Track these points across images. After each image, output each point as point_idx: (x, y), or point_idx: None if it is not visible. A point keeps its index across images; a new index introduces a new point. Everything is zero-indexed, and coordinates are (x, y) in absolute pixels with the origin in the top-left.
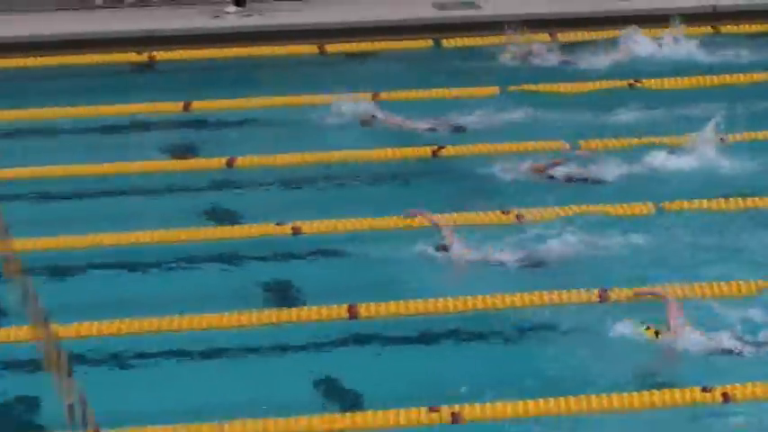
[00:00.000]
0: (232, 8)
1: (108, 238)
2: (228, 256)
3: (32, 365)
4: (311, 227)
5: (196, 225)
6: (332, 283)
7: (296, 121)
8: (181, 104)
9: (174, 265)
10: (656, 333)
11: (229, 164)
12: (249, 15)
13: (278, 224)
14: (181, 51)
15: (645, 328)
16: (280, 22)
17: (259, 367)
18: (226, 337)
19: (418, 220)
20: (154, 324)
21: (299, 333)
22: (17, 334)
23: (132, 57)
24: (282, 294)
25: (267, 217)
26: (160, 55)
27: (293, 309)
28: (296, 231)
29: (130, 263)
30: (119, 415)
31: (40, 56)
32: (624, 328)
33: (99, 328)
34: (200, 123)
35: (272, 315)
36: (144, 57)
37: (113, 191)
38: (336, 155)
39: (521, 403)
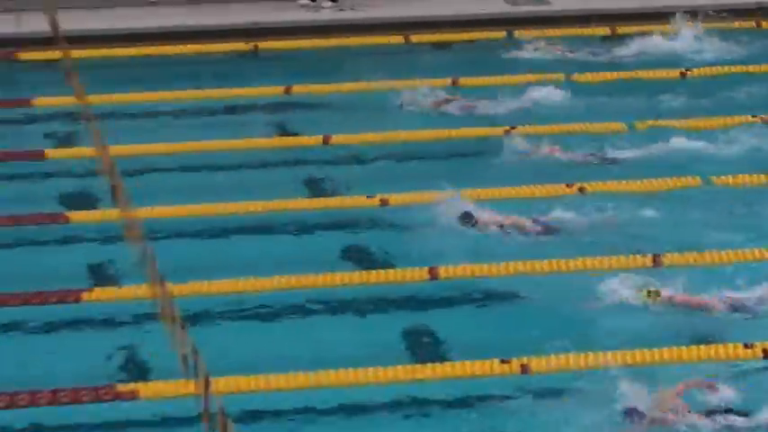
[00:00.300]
0: (328, 3)
1: (220, 208)
2: (324, 224)
3: (151, 320)
4: (397, 198)
5: (296, 196)
6: (415, 247)
7: (383, 103)
8: (282, 88)
9: (275, 230)
10: (651, 293)
11: (325, 141)
12: (342, 10)
13: (368, 197)
14: (282, 41)
15: (645, 293)
16: (370, 15)
17: (353, 322)
18: (319, 294)
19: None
20: (258, 284)
21: (387, 291)
22: (136, 292)
23: (240, 46)
24: (372, 257)
25: (358, 189)
26: (264, 44)
27: (380, 271)
28: (383, 203)
29: (239, 228)
30: (226, 365)
31: (165, 44)
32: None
33: (209, 288)
34: (299, 105)
35: (362, 276)
36: (250, 46)
37: (225, 165)
38: (419, 134)
39: (582, 356)
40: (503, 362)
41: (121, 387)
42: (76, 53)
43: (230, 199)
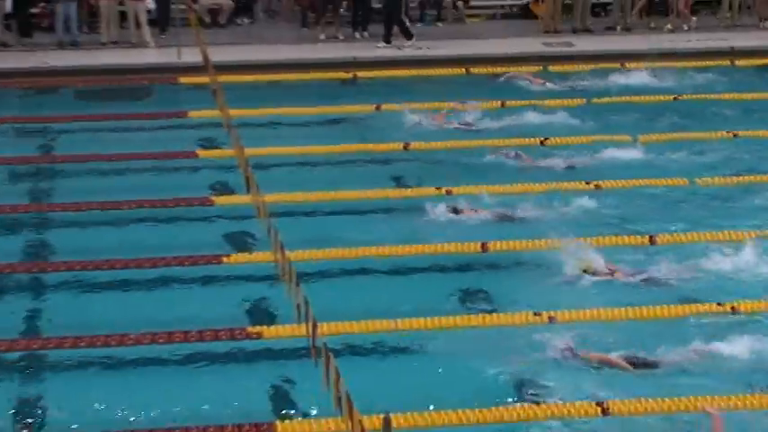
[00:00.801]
0: (408, 42)
1: (328, 195)
2: (402, 209)
3: (272, 279)
4: (458, 189)
5: (384, 188)
6: (468, 226)
7: (446, 118)
8: (374, 107)
9: (368, 212)
10: (589, 270)
11: (405, 147)
12: (419, 49)
13: (437, 188)
14: (374, 71)
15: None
16: (439, 53)
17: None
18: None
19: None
20: (360, 251)
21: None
22: (263, 257)
23: (341, 75)
24: (440, 229)
25: (429, 182)
26: (360, 73)
27: (440, 244)
28: (448, 192)
29: (340, 211)
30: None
31: (287, 72)
32: None
33: (317, 254)
34: (386, 119)
35: (436, 247)
36: (350, 75)
37: (324, 162)
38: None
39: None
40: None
41: (251, 329)
42: (222, 78)
43: (330, 189)
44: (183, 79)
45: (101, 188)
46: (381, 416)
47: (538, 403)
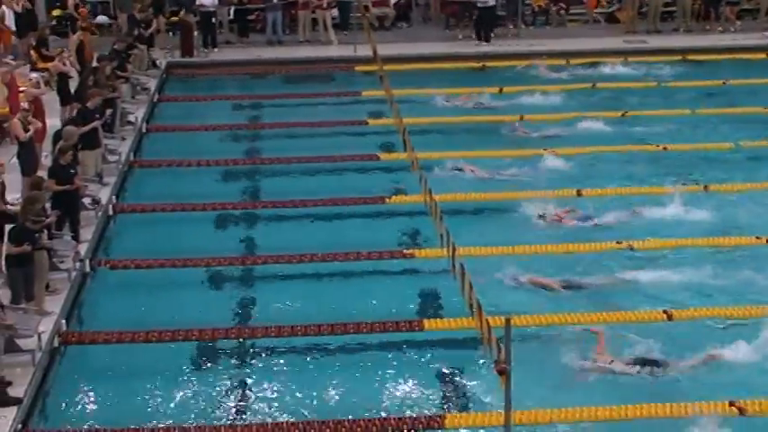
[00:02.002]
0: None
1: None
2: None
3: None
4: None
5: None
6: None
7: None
8: (498, 89)
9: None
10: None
11: (521, 118)
12: (532, 45)
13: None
14: (499, 62)
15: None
16: (546, 48)
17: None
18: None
19: None
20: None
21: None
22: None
23: (474, 64)
24: None
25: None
26: (489, 64)
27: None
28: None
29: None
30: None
31: (431, 63)
32: None
33: (458, 197)
34: (507, 98)
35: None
36: (480, 65)
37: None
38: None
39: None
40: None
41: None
42: (387, 67)
43: (465, 149)
44: (358, 68)
45: (298, 147)
46: (503, 317)
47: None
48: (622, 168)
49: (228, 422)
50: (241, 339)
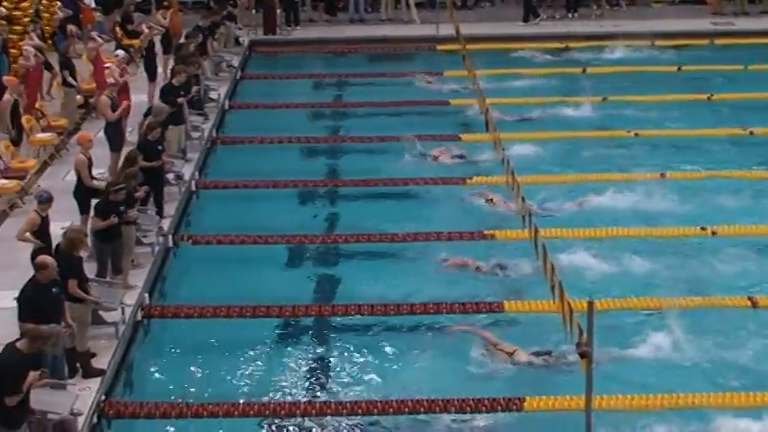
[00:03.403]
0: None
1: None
2: None
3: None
4: None
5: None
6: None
7: None
8: (581, 69)
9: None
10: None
11: (604, 99)
12: (617, 26)
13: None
14: (583, 42)
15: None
16: (630, 29)
17: None
18: None
19: None
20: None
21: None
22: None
23: (556, 45)
24: None
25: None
26: (572, 44)
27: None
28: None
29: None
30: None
31: (513, 42)
32: None
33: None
34: (590, 78)
35: None
36: (563, 45)
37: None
38: None
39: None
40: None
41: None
42: (469, 46)
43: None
44: (440, 47)
45: (379, 126)
46: (586, 300)
47: None
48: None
49: (307, 399)
50: (320, 316)
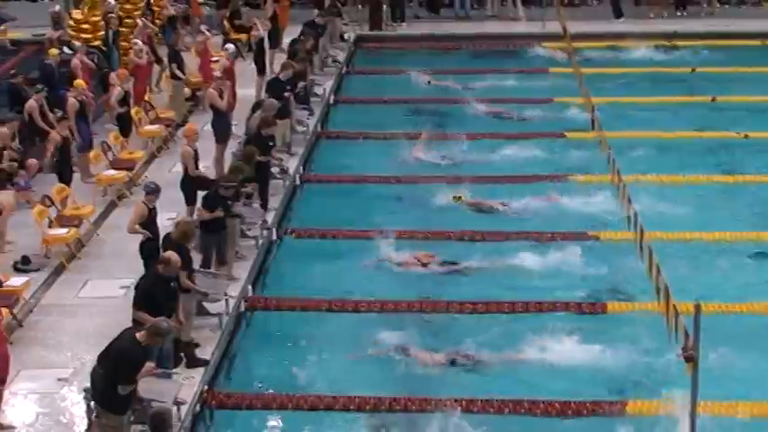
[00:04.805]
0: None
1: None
2: None
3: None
4: None
5: None
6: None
7: None
8: (690, 69)
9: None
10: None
11: (712, 99)
12: (727, 26)
13: None
14: (691, 41)
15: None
16: (743, 28)
17: None
18: None
19: None
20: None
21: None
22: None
23: (663, 42)
24: None
25: None
26: (680, 43)
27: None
28: None
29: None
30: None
31: (622, 40)
32: None
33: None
34: (700, 77)
35: None
36: (670, 43)
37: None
38: None
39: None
40: None
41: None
42: (575, 44)
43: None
44: (545, 44)
45: (482, 123)
46: (693, 303)
47: None
48: None
49: (407, 395)
50: (422, 312)
